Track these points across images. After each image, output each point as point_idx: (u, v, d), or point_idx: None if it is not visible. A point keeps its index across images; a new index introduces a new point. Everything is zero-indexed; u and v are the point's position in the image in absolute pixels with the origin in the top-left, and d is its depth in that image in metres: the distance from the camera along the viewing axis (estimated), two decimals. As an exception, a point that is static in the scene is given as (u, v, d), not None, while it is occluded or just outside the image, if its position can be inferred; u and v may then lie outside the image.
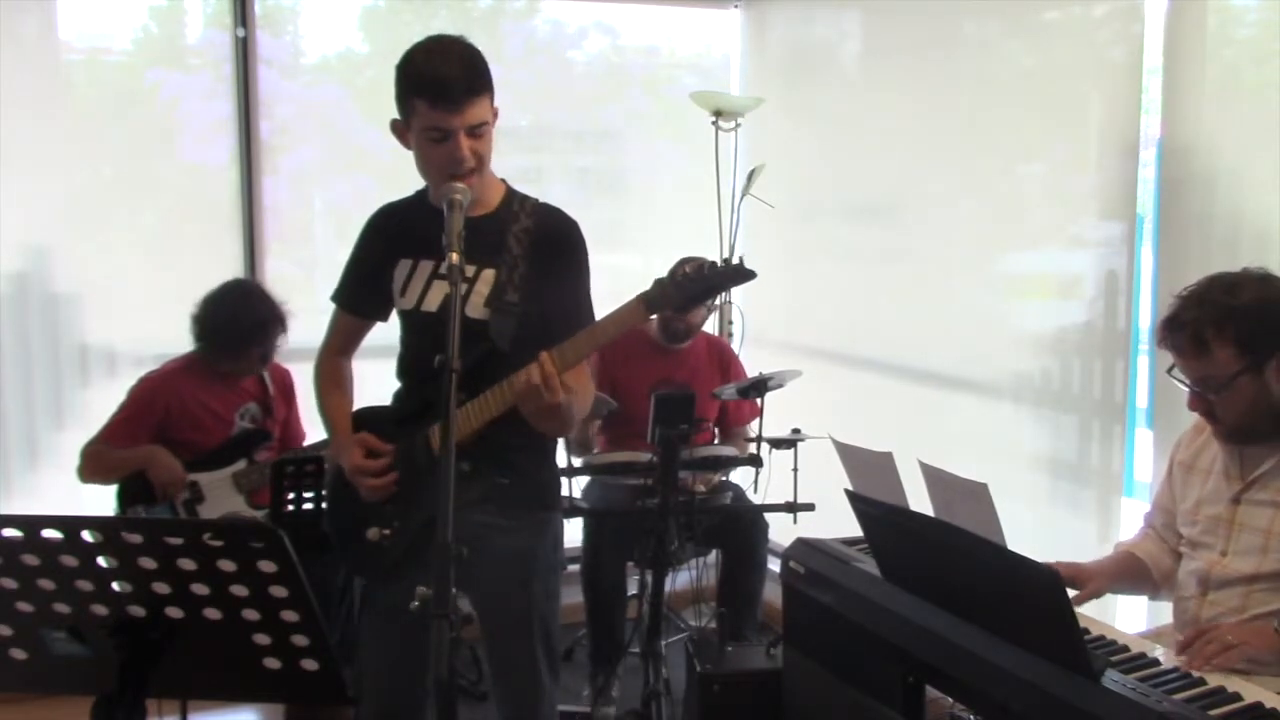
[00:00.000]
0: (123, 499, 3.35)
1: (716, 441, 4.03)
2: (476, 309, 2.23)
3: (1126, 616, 3.11)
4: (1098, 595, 2.33)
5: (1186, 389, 2.19)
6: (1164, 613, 2.52)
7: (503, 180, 2.34)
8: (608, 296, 2.33)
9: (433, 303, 2.25)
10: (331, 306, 2.44)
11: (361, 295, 2.39)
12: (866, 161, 4.32)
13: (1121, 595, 2.68)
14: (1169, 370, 2.21)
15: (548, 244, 2.27)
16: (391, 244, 2.32)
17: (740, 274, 2.11)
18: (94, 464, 3.34)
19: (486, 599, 2.34)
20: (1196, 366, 2.14)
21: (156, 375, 3.43)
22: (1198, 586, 2.23)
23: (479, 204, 2.24)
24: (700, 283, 2.11)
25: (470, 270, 2.22)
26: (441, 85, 2.08)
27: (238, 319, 3.39)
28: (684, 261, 3.95)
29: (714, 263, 2.15)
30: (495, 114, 2.19)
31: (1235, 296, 2.11)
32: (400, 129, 2.19)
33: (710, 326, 4.53)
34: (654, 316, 3.47)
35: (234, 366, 3.44)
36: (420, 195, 2.33)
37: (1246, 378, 2.10)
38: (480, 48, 2.17)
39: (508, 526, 2.28)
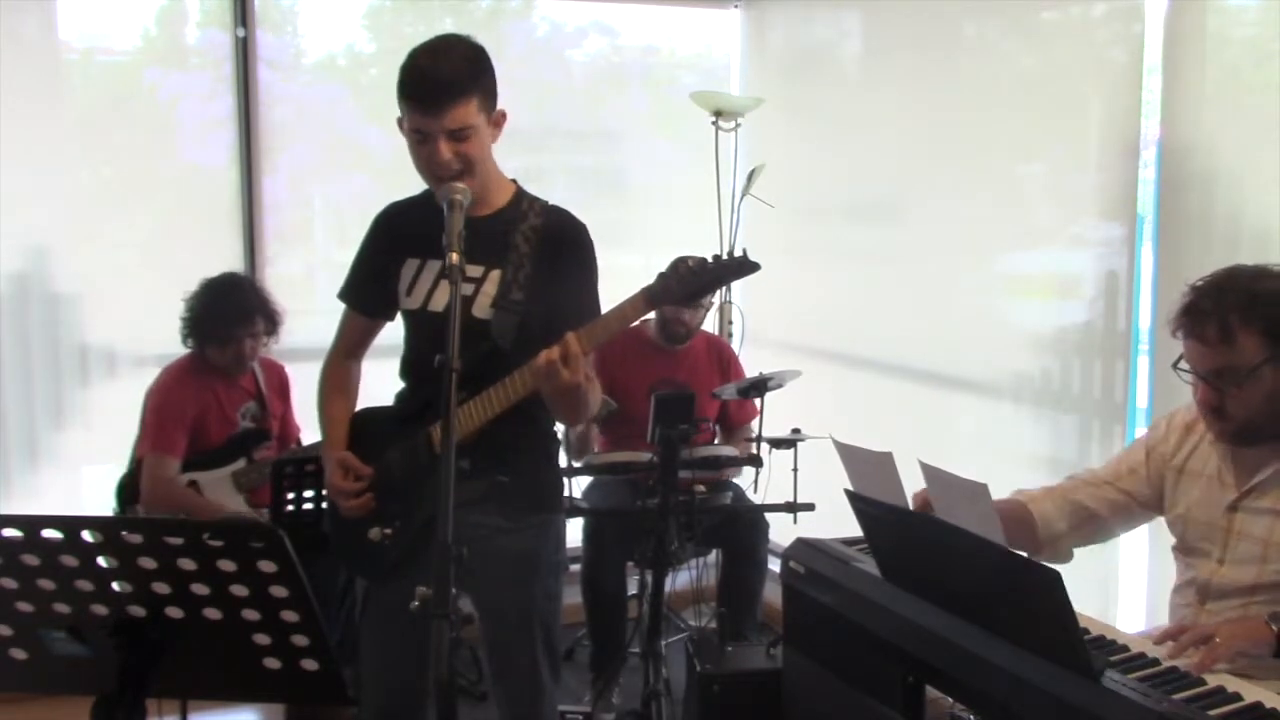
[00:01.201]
0: (122, 498, 3.35)
1: (717, 441, 4.03)
2: (483, 309, 2.22)
3: (1127, 616, 3.12)
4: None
5: (1198, 382, 2.11)
6: (1163, 613, 2.52)
7: (513, 180, 2.33)
8: (607, 297, 2.33)
9: (439, 303, 2.24)
10: (337, 305, 2.44)
11: (368, 293, 2.38)
12: (866, 161, 4.32)
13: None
14: (1174, 364, 2.14)
15: (555, 244, 2.26)
16: (398, 243, 2.31)
17: (744, 266, 2.10)
18: (160, 490, 3.28)
19: (487, 600, 2.34)
20: (1217, 356, 2.06)
21: (167, 379, 3.42)
22: (1196, 595, 2.20)
23: (484, 204, 2.23)
24: (705, 275, 2.10)
25: (478, 271, 2.22)
26: (421, 88, 2.08)
27: (223, 307, 3.40)
28: (681, 260, 3.95)
29: (718, 255, 2.14)
30: (500, 117, 2.19)
31: (1259, 284, 2.06)
32: (401, 125, 2.19)
33: (710, 326, 4.52)
34: (651, 316, 3.48)
35: (222, 358, 3.43)
36: (427, 194, 2.30)
37: (1269, 369, 2.04)
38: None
39: (509, 528, 2.28)
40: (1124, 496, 2.34)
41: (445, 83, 2.08)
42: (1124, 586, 3.13)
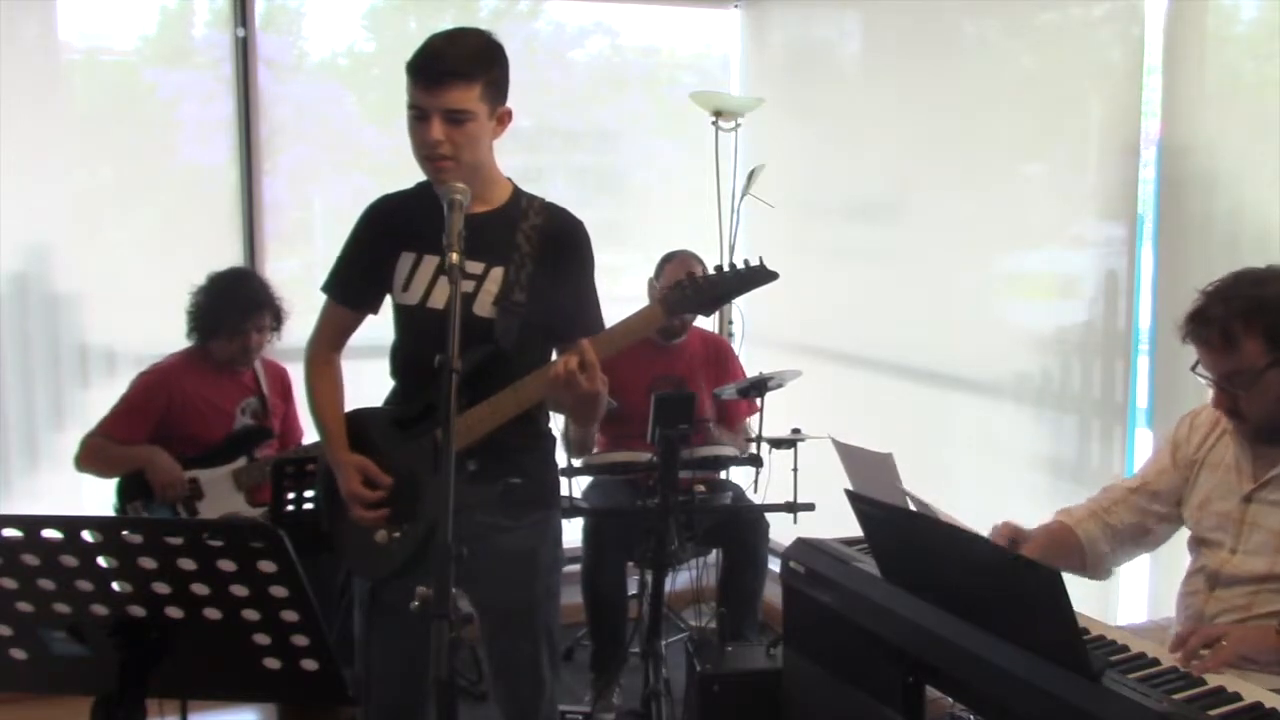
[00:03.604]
0: (122, 494, 3.35)
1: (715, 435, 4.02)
2: (485, 307, 2.22)
3: (1127, 608, 3.12)
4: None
5: (1211, 386, 2.15)
6: (1166, 606, 2.52)
7: (508, 179, 2.33)
8: (606, 296, 2.33)
9: (439, 300, 2.23)
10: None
11: (358, 289, 2.35)
12: (866, 161, 4.32)
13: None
14: (1192, 368, 2.17)
15: (556, 243, 2.26)
16: (392, 237, 2.29)
17: (762, 275, 2.12)
18: (92, 456, 3.35)
19: (489, 597, 2.32)
20: (1224, 361, 2.09)
21: (156, 369, 3.45)
22: (1205, 583, 2.21)
23: (483, 201, 2.23)
24: (723, 285, 2.11)
25: (479, 268, 2.22)
26: (425, 61, 2.09)
27: (231, 298, 3.42)
28: (667, 258, 3.97)
29: (734, 264, 2.15)
30: (505, 115, 2.19)
31: (1264, 289, 2.08)
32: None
33: (711, 325, 4.52)
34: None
35: (228, 350, 3.44)
36: (422, 187, 2.29)
37: (1275, 372, 2.06)
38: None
39: (510, 526, 2.28)
40: (1155, 504, 2.35)
41: (451, 62, 2.08)
42: (1124, 585, 3.13)
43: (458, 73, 2.08)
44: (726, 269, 2.15)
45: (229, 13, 4.21)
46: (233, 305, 3.42)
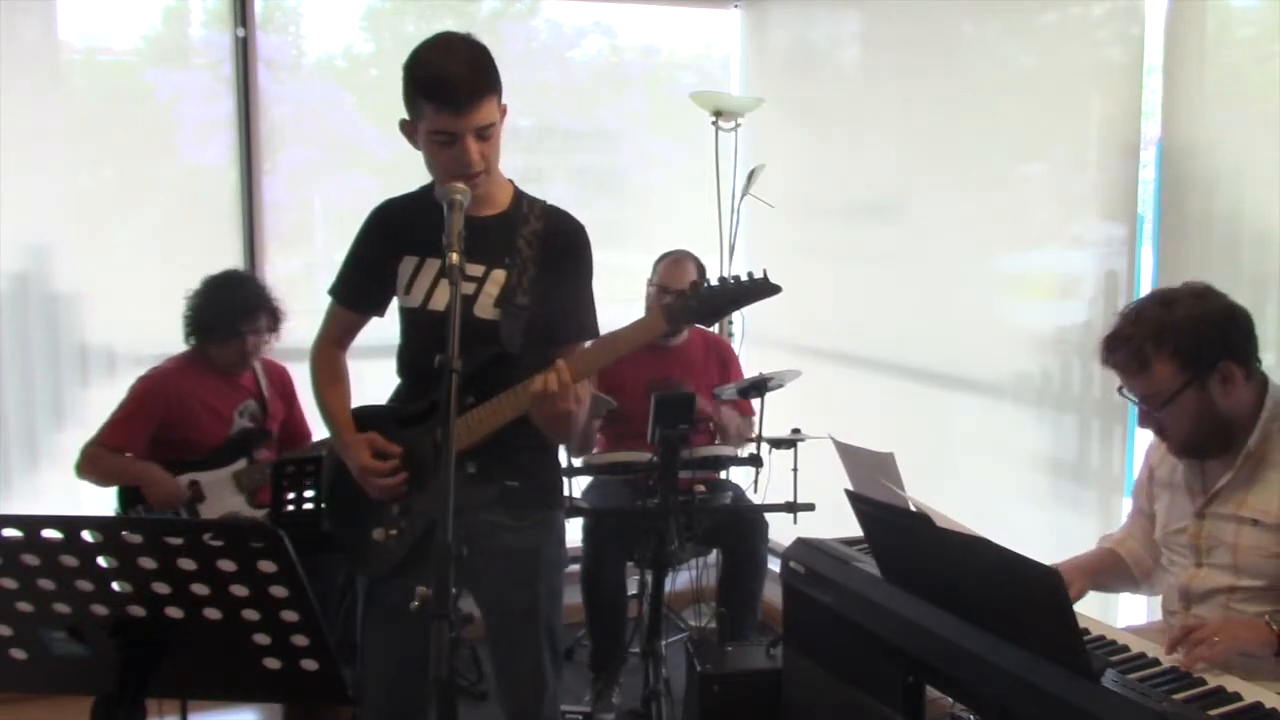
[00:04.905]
0: (124, 500, 3.35)
1: (718, 441, 4.02)
2: (486, 309, 2.23)
3: (1127, 609, 3.12)
4: (1079, 597, 2.32)
5: (1136, 407, 2.19)
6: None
7: (510, 180, 2.34)
8: (606, 297, 2.33)
9: (439, 302, 2.24)
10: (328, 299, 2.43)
11: (362, 291, 2.38)
12: (866, 161, 4.32)
13: (1102, 592, 2.67)
14: (1119, 389, 2.20)
15: (557, 246, 2.27)
16: (394, 240, 2.31)
17: (765, 288, 2.15)
18: (91, 465, 3.35)
19: (491, 597, 2.34)
20: (1140, 384, 2.13)
21: (154, 375, 3.44)
22: (1180, 601, 2.23)
23: (488, 204, 2.24)
24: (725, 296, 2.13)
25: (479, 270, 2.22)
26: (448, 88, 2.07)
27: (227, 302, 3.42)
28: (662, 258, 3.97)
29: (737, 275, 2.16)
30: (504, 112, 2.19)
31: (1171, 312, 2.10)
32: (409, 128, 2.18)
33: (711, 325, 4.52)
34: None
35: (225, 354, 3.44)
36: (425, 191, 2.32)
37: (1190, 393, 2.09)
38: (482, 46, 2.17)
39: (514, 526, 2.28)
40: (1150, 521, 2.39)
41: (471, 80, 2.08)
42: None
43: (480, 90, 2.09)
44: (730, 279, 2.16)
45: (228, 12, 4.21)
46: (228, 309, 3.41)
